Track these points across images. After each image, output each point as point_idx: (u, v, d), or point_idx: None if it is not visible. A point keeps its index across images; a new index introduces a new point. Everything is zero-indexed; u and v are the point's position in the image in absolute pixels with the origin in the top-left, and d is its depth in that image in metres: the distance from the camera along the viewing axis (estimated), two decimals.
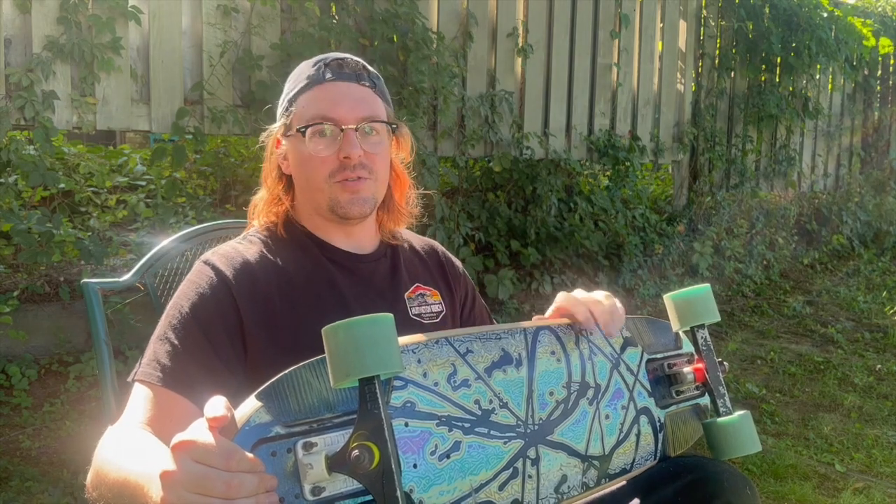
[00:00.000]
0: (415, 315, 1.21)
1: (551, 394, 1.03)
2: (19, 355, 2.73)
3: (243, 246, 1.17)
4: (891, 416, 3.26)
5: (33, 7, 2.70)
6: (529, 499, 0.99)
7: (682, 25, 5.12)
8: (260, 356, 1.07)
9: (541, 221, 4.22)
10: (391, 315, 0.78)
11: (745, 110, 5.54)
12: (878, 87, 6.83)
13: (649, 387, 1.17)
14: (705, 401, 1.25)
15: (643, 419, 1.15)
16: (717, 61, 5.43)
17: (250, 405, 0.79)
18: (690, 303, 1.15)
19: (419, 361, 0.91)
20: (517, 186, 4.29)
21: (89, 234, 3.18)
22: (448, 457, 0.91)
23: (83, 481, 0.95)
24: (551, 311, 1.14)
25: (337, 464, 0.78)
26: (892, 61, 6.91)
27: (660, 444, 1.17)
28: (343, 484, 0.81)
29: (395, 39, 3.49)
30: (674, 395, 1.20)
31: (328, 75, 1.15)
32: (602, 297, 1.13)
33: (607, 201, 4.72)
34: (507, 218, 4.20)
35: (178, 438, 0.73)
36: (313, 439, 0.81)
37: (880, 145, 6.86)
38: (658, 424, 1.17)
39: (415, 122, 3.41)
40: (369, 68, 1.20)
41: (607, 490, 1.11)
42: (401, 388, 0.89)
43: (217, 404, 0.76)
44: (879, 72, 6.82)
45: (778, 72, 5.70)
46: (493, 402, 0.97)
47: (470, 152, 3.97)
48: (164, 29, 3.01)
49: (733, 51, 5.42)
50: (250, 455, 0.74)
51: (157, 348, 1.04)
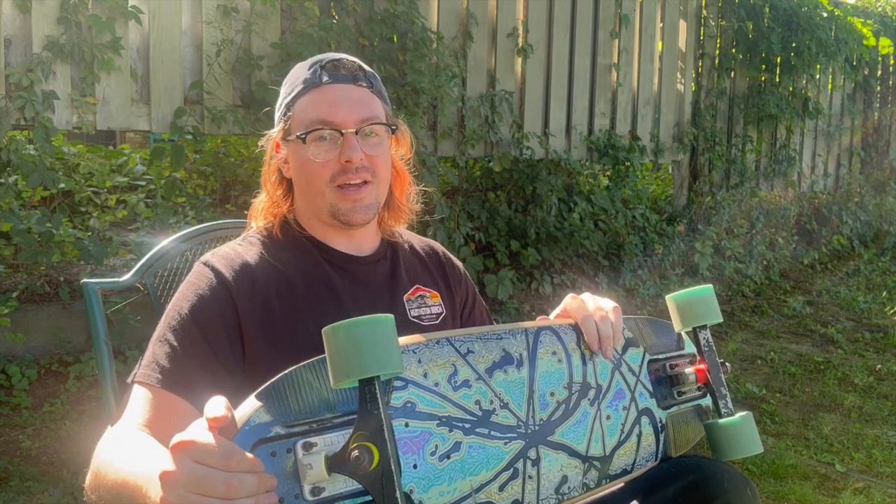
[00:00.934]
0: (414, 317, 1.21)
1: (552, 394, 1.03)
2: (19, 355, 2.73)
3: (242, 247, 1.17)
4: (891, 416, 3.26)
5: (33, 7, 2.70)
6: (530, 499, 0.99)
7: (682, 25, 5.12)
8: (258, 358, 1.07)
9: (541, 221, 4.22)
10: (391, 316, 0.78)
11: (745, 110, 5.54)
12: (878, 87, 6.83)
13: (651, 387, 1.17)
14: (707, 401, 1.24)
15: (644, 420, 1.14)
16: (717, 61, 5.42)
17: (250, 405, 0.79)
18: (692, 303, 1.14)
19: (419, 361, 0.91)
20: (517, 186, 4.29)
21: (89, 234, 3.18)
22: (448, 457, 0.91)
23: (83, 481, 0.95)
24: (558, 313, 1.13)
25: (337, 464, 0.78)
26: (892, 61, 6.91)
27: (661, 445, 1.17)
28: (343, 484, 0.81)
29: (394, 39, 3.49)
30: (675, 395, 1.20)
31: (325, 78, 1.14)
32: (610, 309, 1.12)
33: (607, 201, 4.72)
34: (507, 218, 4.20)
35: (178, 438, 0.73)
36: (313, 439, 0.80)
37: (880, 145, 6.86)
38: (659, 425, 1.17)
39: (414, 122, 3.41)
40: (365, 67, 1.19)
41: (608, 491, 1.11)
42: (401, 388, 0.89)
43: (217, 404, 0.76)
44: (879, 72, 6.82)
45: (778, 72, 5.70)
46: (494, 402, 0.96)
47: (470, 152, 3.97)
48: (163, 29, 3.01)
49: (733, 51, 5.42)
50: (250, 455, 0.74)
51: (156, 350, 1.05)
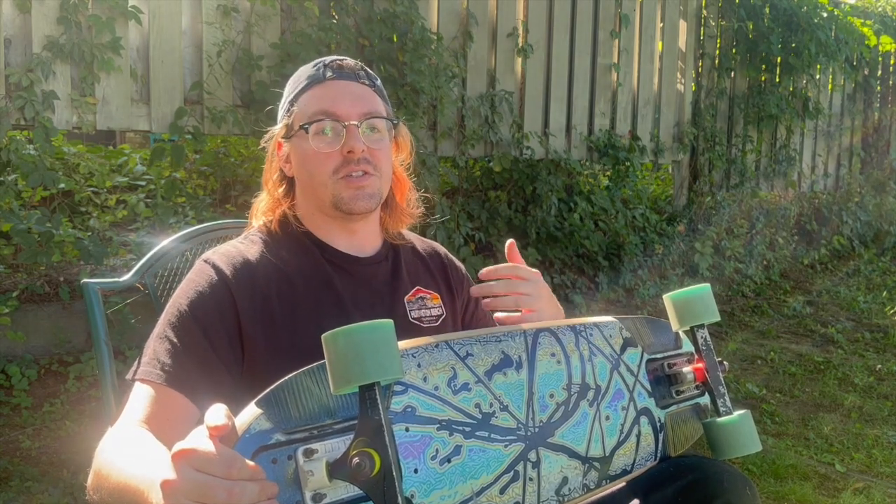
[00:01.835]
0: (414, 319, 1.21)
1: (551, 396, 1.03)
2: (19, 355, 2.73)
3: (244, 245, 1.17)
4: (891, 416, 3.26)
5: (33, 7, 2.70)
6: (531, 501, 0.99)
7: (682, 25, 5.12)
8: (258, 356, 1.07)
9: (541, 221, 4.22)
10: (391, 321, 0.78)
11: (745, 110, 5.54)
12: (878, 87, 6.82)
13: (649, 387, 1.17)
14: (705, 400, 1.25)
15: (643, 420, 1.14)
16: (717, 61, 5.42)
17: (250, 412, 0.79)
18: (690, 302, 1.14)
19: (419, 366, 0.91)
20: (517, 186, 4.29)
21: (89, 234, 3.18)
22: (449, 461, 0.91)
23: (83, 481, 0.95)
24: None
25: (338, 470, 0.77)
26: (892, 61, 6.90)
27: (660, 445, 1.17)
28: (344, 490, 0.81)
29: (394, 40, 3.49)
30: (674, 394, 1.20)
31: (328, 74, 1.17)
32: (529, 277, 1.19)
33: (607, 201, 4.72)
34: (507, 218, 4.20)
35: (179, 447, 0.73)
36: (314, 446, 0.80)
37: (880, 145, 6.86)
38: (658, 425, 1.17)
39: (414, 123, 3.41)
40: (367, 69, 1.22)
41: (608, 491, 1.11)
42: (401, 392, 0.89)
43: (217, 412, 0.76)
44: (879, 72, 6.82)
45: (778, 72, 5.70)
46: (494, 405, 0.96)
47: (470, 152, 3.97)
48: (163, 29, 3.01)
49: (733, 51, 5.41)
50: (251, 463, 0.73)
51: (156, 347, 1.05)
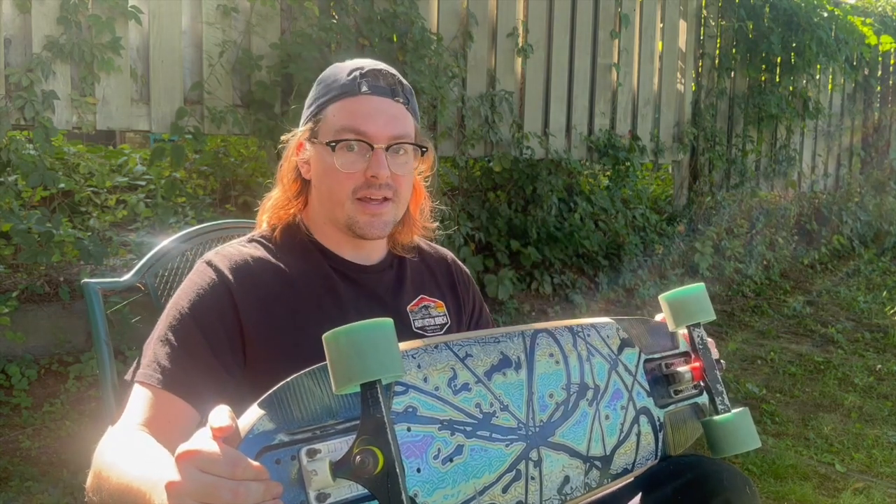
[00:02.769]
0: (418, 328, 1.20)
1: (551, 396, 1.03)
2: (19, 355, 2.73)
3: (247, 248, 1.16)
4: (891, 416, 3.26)
5: (33, 7, 2.70)
6: (533, 500, 0.99)
7: (682, 25, 5.12)
8: (258, 359, 1.07)
9: (541, 221, 4.22)
10: (391, 320, 0.78)
11: (746, 110, 5.54)
12: (878, 87, 6.82)
13: (648, 387, 1.17)
14: (704, 399, 1.25)
15: (643, 419, 1.15)
16: (717, 61, 5.43)
17: (253, 414, 0.79)
18: (684, 302, 1.15)
19: (419, 367, 0.91)
20: (517, 186, 4.29)
21: (89, 234, 3.18)
22: (451, 460, 0.91)
23: (83, 481, 0.95)
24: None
25: (341, 469, 0.78)
26: (892, 61, 6.90)
27: (660, 444, 1.17)
28: (348, 489, 0.81)
29: (394, 39, 3.49)
30: (672, 394, 1.20)
31: (364, 88, 1.12)
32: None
33: (607, 201, 4.72)
34: (507, 218, 4.20)
35: (183, 448, 0.72)
36: (317, 446, 0.80)
37: (880, 145, 6.86)
38: (658, 424, 1.17)
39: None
40: (404, 82, 1.17)
41: (609, 490, 1.11)
42: (402, 393, 0.89)
43: (221, 414, 0.76)
44: (879, 72, 6.82)
45: (778, 72, 5.70)
46: (494, 405, 0.97)
47: (470, 152, 3.97)
48: (164, 29, 3.01)
49: (733, 51, 5.42)
50: (255, 463, 0.73)
51: (157, 349, 1.04)
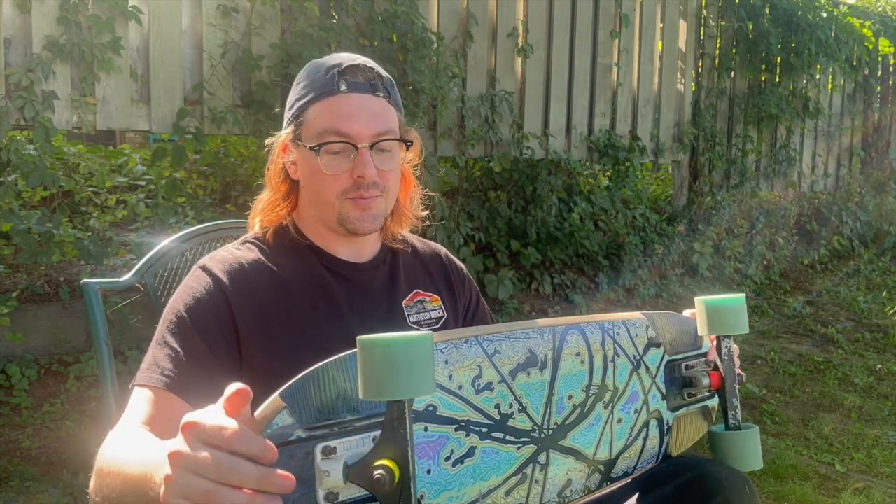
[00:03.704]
0: (413, 323, 1.20)
1: (570, 398, 1.02)
2: (19, 355, 2.73)
3: (241, 252, 1.16)
4: (891, 416, 3.26)
5: (33, 7, 2.70)
6: (533, 503, 0.98)
7: (682, 25, 5.12)
8: (255, 360, 1.07)
9: (541, 221, 4.22)
10: (431, 335, 0.76)
11: (745, 110, 5.54)
12: (878, 87, 6.82)
13: (664, 389, 1.16)
14: (714, 402, 1.24)
15: (653, 423, 1.14)
16: (717, 61, 5.42)
17: (274, 406, 0.78)
18: (723, 312, 1.11)
19: (446, 362, 0.89)
20: (517, 186, 4.29)
21: (89, 234, 3.18)
22: (462, 462, 0.90)
23: (83, 481, 0.95)
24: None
25: (356, 476, 0.77)
26: (892, 61, 6.90)
27: (664, 447, 1.17)
28: (357, 490, 0.80)
29: (394, 40, 3.49)
30: (686, 397, 1.19)
31: (342, 86, 1.10)
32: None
33: (607, 201, 4.72)
34: (507, 218, 4.20)
35: (188, 418, 0.71)
36: (333, 443, 0.79)
37: (880, 145, 6.86)
38: (666, 427, 1.16)
39: (414, 123, 3.41)
40: (383, 74, 1.15)
41: (606, 490, 1.11)
42: None
43: (235, 388, 0.74)
44: (879, 72, 6.82)
45: (778, 72, 5.70)
46: (514, 406, 0.95)
47: (470, 152, 3.97)
48: (164, 29, 3.01)
49: (733, 51, 5.41)
50: (267, 442, 0.70)
51: (155, 352, 1.04)
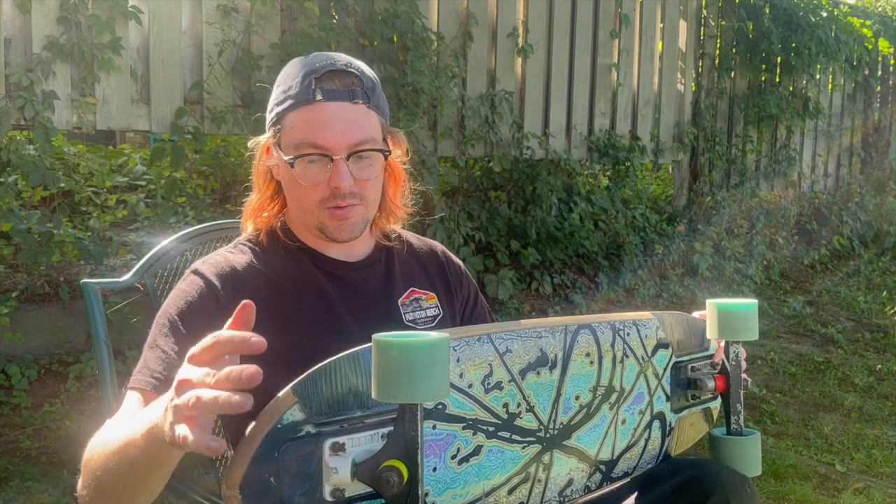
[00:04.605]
0: (409, 321, 1.20)
1: (577, 398, 1.02)
2: (19, 355, 2.73)
3: (233, 255, 1.16)
4: (891, 416, 3.26)
5: (33, 7, 2.70)
6: (534, 502, 0.99)
7: (683, 25, 5.12)
8: (249, 363, 1.06)
9: (541, 221, 4.22)
10: (447, 337, 0.75)
11: (746, 110, 5.54)
12: (878, 87, 6.82)
13: (669, 391, 1.16)
14: (716, 403, 1.24)
15: (655, 424, 1.14)
16: (717, 61, 5.42)
17: (286, 401, 0.78)
18: (735, 317, 1.10)
19: (458, 360, 0.89)
20: (517, 186, 4.29)
21: (89, 234, 3.18)
22: (468, 461, 0.90)
23: None
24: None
25: (363, 475, 0.77)
26: (892, 61, 6.90)
27: (664, 447, 1.17)
28: (364, 486, 0.80)
29: (394, 39, 3.49)
30: (689, 398, 1.19)
31: (318, 96, 1.07)
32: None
33: (607, 201, 4.72)
34: (507, 218, 4.20)
35: (191, 351, 0.78)
36: (342, 440, 0.79)
37: (880, 145, 6.85)
38: (668, 428, 1.16)
39: (414, 123, 3.41)
40: (364, 75, 1.12)
41: (606, 490, 1.11)
42: None
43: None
44: (879, 72, 6.82)
45: (778, 72, 5.70)
46: (521, 405, 0.95)
47: (470, 152, 3.96)
48: (164, 29, 3.01)
49: (733, 51, 5.41)
50: (245, 369, 0.72)
51: (147, 356, 1.05)
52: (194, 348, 0.78)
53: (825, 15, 5.61)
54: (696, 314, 1.23)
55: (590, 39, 4.53)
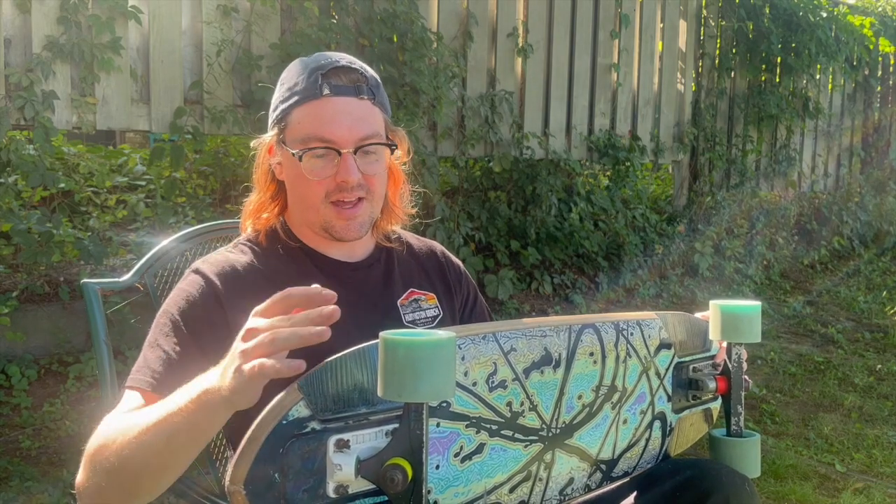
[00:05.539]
0: (409, 322, 1.20)
1: (580, 397, 1.02)
2: (19, 355, 2.73)
3: (233, 254, 1.16)
4: (891, 416, 3.26)
5: (33, 7, 2.70)
6: (535, 500, 0.99)
7: (682, 25, 5.12)
8: None
9: (541, 221, 4.22)
10: (454, 336, 0.75)
11: (746, 110, 5.54)
12: (879, 87, 6.82)
13: (671, 391, 1.16)
14: (717, 404, 1.24)
15: (656, 424, 1.14)
16: (717, 61, 5.42)
17: (291, 397, 0.78)
18: (738, 319, 1.11)
19: (463, 359, 0.89)
20: (517, 186, 4.29)
21: (89, 234, 3.18)
22: (470, 459, 0.90)
23: None
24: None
25: (367, 472, 0.77)
26: (892, 61, 6.90)
27: (665, 447, 1.17)
28: (367, 483, 0.80)
29: (394, 39, 3.49)
30: (690, 399, 1.19)
31: (325, 90, 1.08)
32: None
33: (607, 201, 4.72)
34: (507, 218, 4.20)
35: (258, 308, 0.84)
36: (346, 436, 0.79)
37: (880, 145, 6.85)
38: (668, 429, 1.17)
39: (414, 123, 3.41)
40: (367, 74, 1.14)
41: (606, 489, 1.12)
42: None
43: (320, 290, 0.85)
44: (879, 72, 6.82)
45: (778, 72, 5.70)
46: (525, 404, 0.95)
47: (470, 152, 3.96)
48: (163, 29, 3.01)
49: (733, 51, 5.42)
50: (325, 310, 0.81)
51: (147, 355, 1.04)
52: (262, 305, 0.83)
53: (825, 15, 5.61)
54: (698, 315, 1.23)
55: (590, 39, 4.53)
